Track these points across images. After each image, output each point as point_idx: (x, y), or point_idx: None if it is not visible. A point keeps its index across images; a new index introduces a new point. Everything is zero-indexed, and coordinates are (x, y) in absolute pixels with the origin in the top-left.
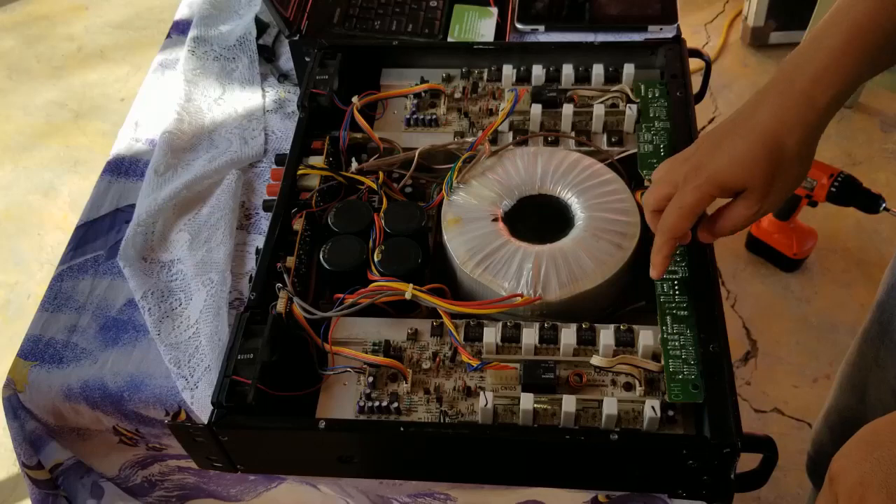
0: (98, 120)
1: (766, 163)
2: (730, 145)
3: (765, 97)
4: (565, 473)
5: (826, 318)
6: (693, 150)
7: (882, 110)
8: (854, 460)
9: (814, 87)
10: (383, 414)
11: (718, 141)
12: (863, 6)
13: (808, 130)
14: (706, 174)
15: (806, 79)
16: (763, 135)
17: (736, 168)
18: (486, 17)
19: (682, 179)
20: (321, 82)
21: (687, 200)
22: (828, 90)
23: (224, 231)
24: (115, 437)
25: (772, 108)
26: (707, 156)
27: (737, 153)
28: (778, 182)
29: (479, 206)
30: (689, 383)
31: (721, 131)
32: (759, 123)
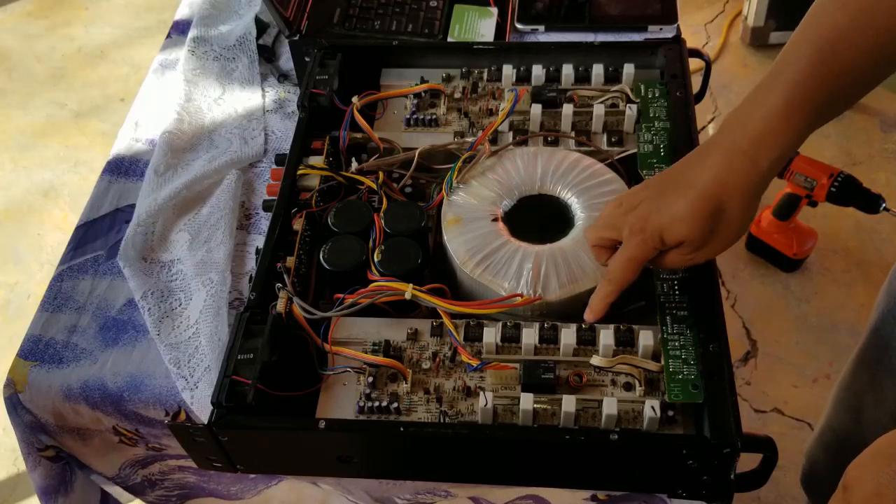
0: (98, 120)
1: (707, 222)
2: (673, 202)
3: (709, 153)
4: (565, 473)
5: (826, 318)
6: (638, 198)
7: (882, 110)
8: (871, 471)
9: (756, 149)
10: (383, 414)
11: (662, 194)
12: (804, 62)
13: (749, 193)
14: (651, 229)
15: (748, 140)
16: (705, 195)
17: (678, 225)
18: (486, 17)
19: (626, 230)
20: (321, 82)
21: (634, 254)
22: (770, 153)
23: (224, 231)
24: (115, 437)
25: (714, 168)
26: (651, 209)
27: (679, 212)
28: (716, 239)
29: (479, 206)
30: (689, 383)
31: (666, 183)
32: (701, 183)
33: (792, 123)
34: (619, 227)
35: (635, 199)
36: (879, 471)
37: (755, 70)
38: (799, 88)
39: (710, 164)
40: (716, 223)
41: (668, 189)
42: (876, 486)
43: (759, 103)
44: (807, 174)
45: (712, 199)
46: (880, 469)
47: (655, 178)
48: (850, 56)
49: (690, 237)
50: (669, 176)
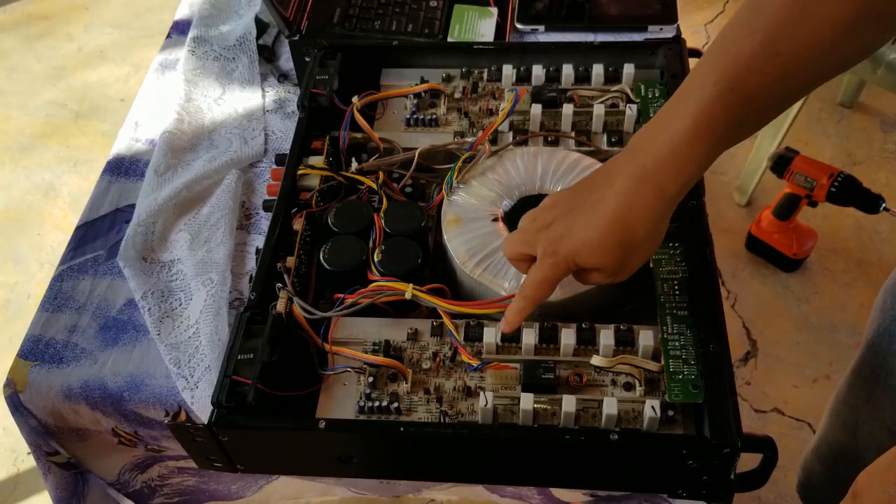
0: (98, 120)
1: (617, 251)
2: (583, 228)
3: (616, 176)
4: (565, 473)
5: (826, 318)
6: (551, 215)
7: (882, 110)
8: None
9: (663, 174)
10: (383, 414)
11: (573, 216)
12: (711, 89)
13: (657, 217)
14: (563, 254)
15: (656, 165)
16: (613, 223)
17: (590, 253)
18: (486, 17)
19: (540, 249)
20: (321, 82)
21: (546, 274)
22: (678, 178)
23: (224, 231)
24: (115, 438)
25: (622, 194)
26: (563, 231)
27: (590, 240)
28: (629, 263)
29: (479, 206)
30: (689, 383)
31: (576, 202)
32: (610, 210)
33: (698, 150)
34: (533, 244)
35: (548, 217)
36: (890, 481)
37: None
38: (705, 115)
39: (617, 188)
40: (627, 251)
41: (579, 211)
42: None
43: (666, 128)
44: (807, 174)
45: (620, 226)
46: (891, 480)
47: (567, 194)
48: (757, 84)
49: (604, 264)
50: (579, 194)
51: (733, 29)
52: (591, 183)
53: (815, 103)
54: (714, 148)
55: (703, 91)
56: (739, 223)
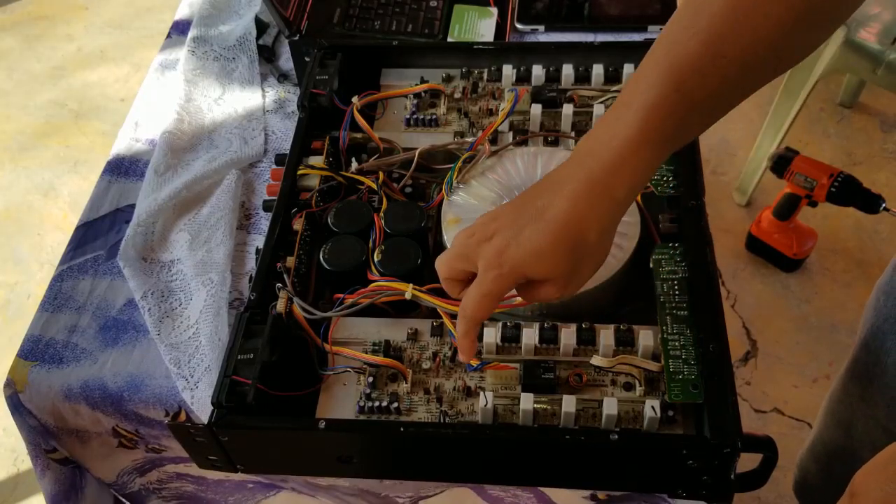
0: (98, 120)
1: (568, 257)
2: (531, 236)
3: (563, 182)
4: (565, 473)
5: (826, 318)
6: (492, 228)
7: (882, 110)
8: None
9: (612, 179)
10: (383, 414)
11: (518, 225)
12: (655, 92)
13: (608, 223)
14: (509, 265)
15: (603, 170)
16: (564, 229)
17: (539, 262)
18: (486, 17)
19: (482, 263)
20: (321, 82)
21: (490, 288)
22: (626, 182)
23: (224, 231)
24: (115, 440)
25: (571, 200)
26: (508, 242)
27: (539, 247)
28: (579, 272)
29: (479, 206)
30: (689, 383)
31: (521, 212)
32: (559, 215)
33: (646, 154)
34: (473, 258)
35: (489, 229)
36: (887, 479)
37: None
38: (650, 118)
39: (565, 193)
40: (578, 258)
41: (524, 220)
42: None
43: (612, 132)
44: (807, 174)
45: (572, 233)
46: (888, 478)
47: (508, 206)
48: (701, 86)
49: (554, 274)
50: (524, 204)
51: (675, 30)
52: (536, 192)
53: (815, 103)
54: (662, 151)
55: (647, 94)
56: (739, 223)
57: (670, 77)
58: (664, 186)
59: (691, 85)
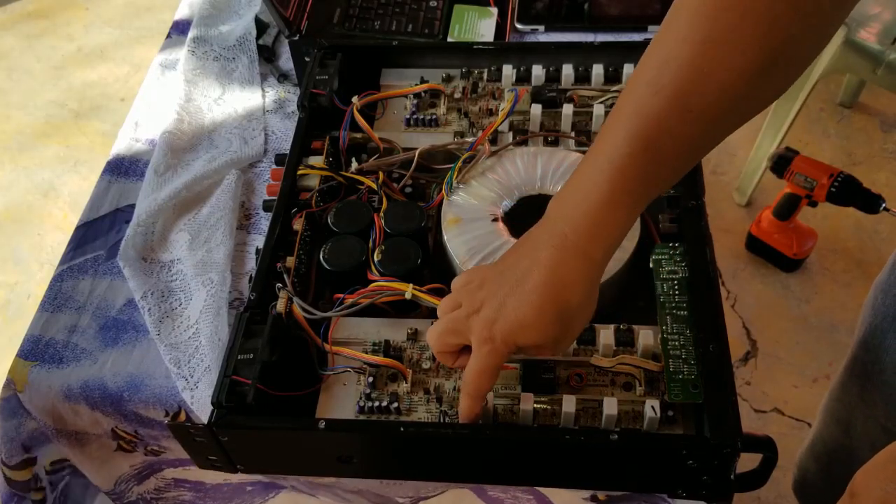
0: (98, 120)
1: (555, 323)
2: (517, 307)
3: (539, 247)
4: (565, 473)
5: (826, 318)
6: (478, 299)
7: (882, 110)
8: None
9: (586, 242)
10: (383, 414)
11: (501, 295)
12: (624, 152)
13: (588, 284)
14: (500, 338)
15: (578, 234)
16: (546, 297)
17: (527, 332)
18: (486, 17)
19: (474, 338)
20: (321, 82)
21: (487, 363)
22: (602, 244)
23: (224, 231)
24: (113, 442)
25: (550, 267)
26: (495, 314)
27: (524, 319)
28: (568, 333)
29: (479, 206)
30: (689, 383)
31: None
32: (539, 284)
33: (618, 214)
34: (464, 332)
35: (475, 301)
36: (887, 479)
37: None
38: (620, 178)
39: (543, 261)
40: (565, 323)
41: (507, 290)
42: (883, 495)
43: (583, 195)
44: (807, 174)
45: (554, 300)
46: (888, 477)
47: (491, 272)
48: (669, 142)
49: (544, 340)
50: (505, 272)
51: (639, 87)
52: (515, 258)
53: (815, 103)
54: (633, 209)
55: (615, 154)
56: (739, 223)
57: (638, 136)
58: None
59: (660, 142)
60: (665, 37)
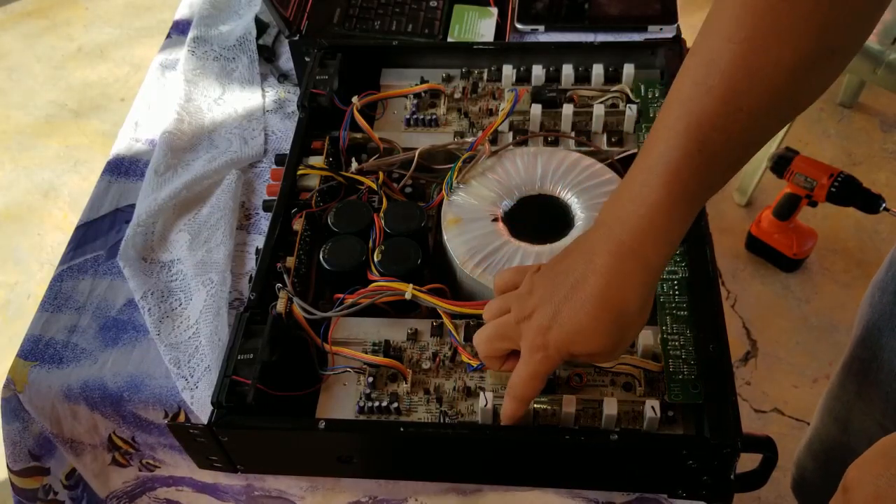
0: (98, 120)
1: (614, 332)
2: (572, 315)
3: (594, 254)
4: (565, 473)
5: (826, 318)
6: (529, 305)
7: (882, 110)
8: (871, 473)
9: (645, 247)
10: (383, 414)
11: (555, 302)
12: (678, 153)
13: (646, 291)
14: (554, 346)
15: (635, 239)
16: (603, 305)
17: (583, 340)
18: (486, 17)
19: (525, 343)
20: (321, 82)
21: (538, 370)
22: (661, 249)
23: (224, 231)
24: (108, 454)
25: (607, 273)
26: (549, 321)
27: (581, 327)
28: (623, 341)
29: (479, 206)
30: (689, 383)
31: (556, 288)
32: (595, 291)
33: (675, 216)
34: (514, 338)
35: (526, 307)
36: (879, 473)
37: None
38: (676, 181)
39: (599, 267)
40: (622, 330)
41: (561, 297)
42: (875, 489)
43: (639, 199)
44: (807, 174)
45: (611, 307)
46: (880, 471)
47: (542, 278)
48: (722, 141)
49: (599, 349)
50: (557, 277)
51: (688, 87)
52: (568, 264)
53: (815, 103)
54: (690, 211)
55: (669, 155)
56: (739, 223)
57: (690, 137)
58: None
59: (713, 142)
60: (710, 36)
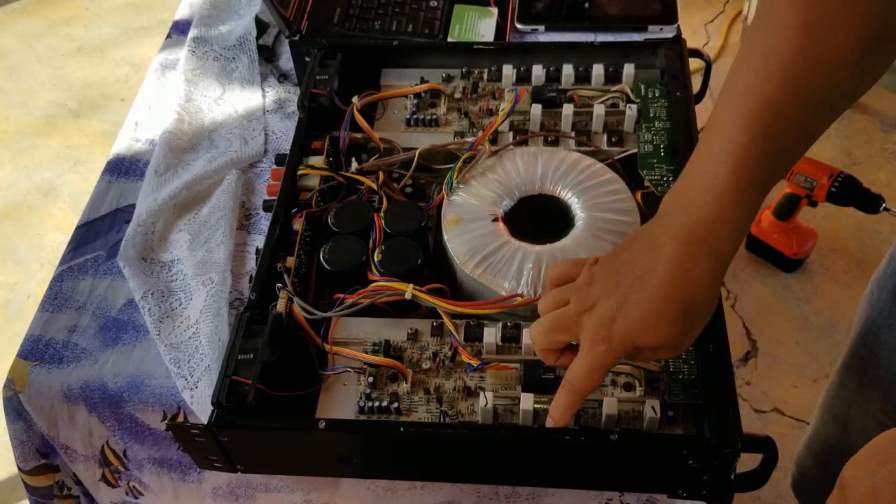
0: (98, 120)
1: (681, 323)
2: (637, 305)
3: (660, 244)
4: (565, 473)
5: (826, 318)
6: (591, 297)
7: (882, 110)
8: (867, 470)
9: (712, 235)
10: (383, 414)
11: (620, 293)
12: (742, 140)
13: (714, 279)
14: (619, 337)
15: (703, 227)
16: (671, 294)
17: (650, 331)
18: (486, 17)
19: (587, 335)
20: (321, 82)
21: (601, 362)
22: (728, 235)
23: (224, 231)
24: (99, 470)
25: (675, 263)
26: (613, 312)
27: (648, 317)
28: (691, 333)
29: (479, 206)
30: (689, 383)
31: (620, 279)
32: (663, 281)
33: (744, 203)
34: (574, 330)
35: (588, 299)
36: (875, 470)
37: None
38: (743, 168)
39: (666, 256)
40: (691, 322)
41: (626, 288)
42: (871, 486)
43: (705, 187)
44: (807, 174)
45: (679, 297)
46: (875, 468)
47: (603, 270)
48: (786, 127)
49: (667, 341)
50: (620, 269)
51: (746, 75)
52: (631, 255)
53: None
54: (757, 197)
55: (733, 143)
56: None
57: (754, 123)
58: (664, 186)
59: (777, 127)
60: (765, 26)
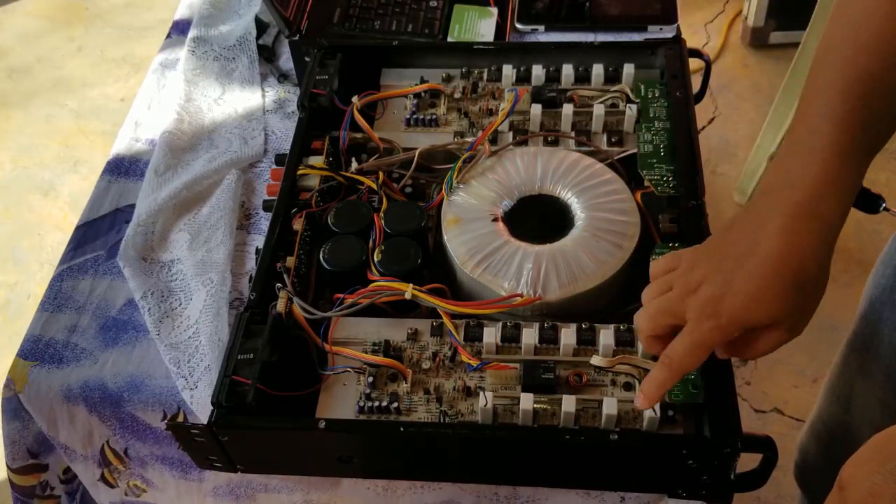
0: (98, 120)
1: (794, 295)
2: (747, 280)
3: (766, 219)
4: (565, 473)
5: (826, 318)
6: (695, 277)
7: None
8: (866, 470)
9: (821, 204)
10: (383, 414)
11: (726, 270)
12: (843, 109)
13: (825, 249)
14: (727, 315)
15: (811, 197)
16: (781, 267)
17: (762, 306)
18: (486, 17)
19: (693, 314)
20: (321, 82)
21: (706, 339)
22: (837, 202)
23: (224, 231)
24: (98, 470)
25: (781, 235)
26: (721, 289)
27: (758, 291)
28: (805, 308)
29: (479, 206)
30: (689, 383)
31: (724, 256)
32: (773, 253)
33: (849, 171)
34: (680, 312)
35: (692, 279)
36: (874, 470)
37: (755, 70)
38: (845, 137)
39: (774, 229)
40: (804, 295)
41: (732, 265)
42: (870, 486)
43: (808, 159)
44: None
45: (790, 268)
46: (875, 468)
47: (707, 251)
48: (883, 95)
49: (780, 316)
50: (724, 248)
51: (838, 47)
52: (736, 234)
53: None
54: (861, 165)
55: (833, 113)
56: None
57: (853, 92)
58: (664, 186)
59: (875, 96)
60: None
